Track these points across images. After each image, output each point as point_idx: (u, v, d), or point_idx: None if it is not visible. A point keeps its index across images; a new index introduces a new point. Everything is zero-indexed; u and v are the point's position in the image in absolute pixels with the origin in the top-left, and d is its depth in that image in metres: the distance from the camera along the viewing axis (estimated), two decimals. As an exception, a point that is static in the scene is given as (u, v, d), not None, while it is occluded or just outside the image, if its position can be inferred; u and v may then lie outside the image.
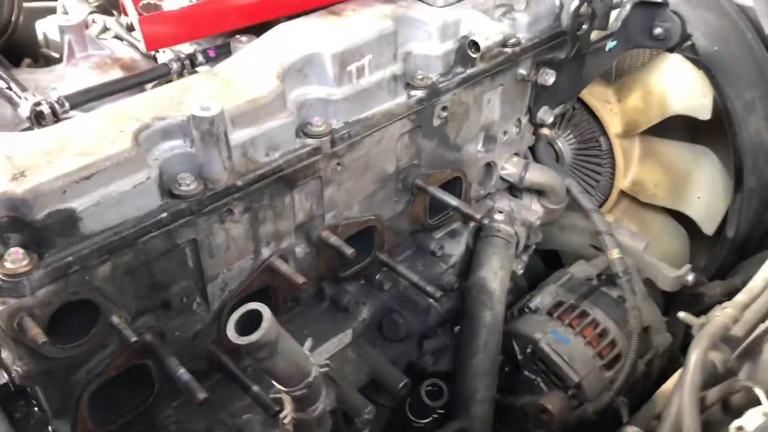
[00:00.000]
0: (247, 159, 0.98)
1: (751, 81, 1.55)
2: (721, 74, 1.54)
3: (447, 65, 1.20)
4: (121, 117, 0.92)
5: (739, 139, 1.57)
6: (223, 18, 1.10)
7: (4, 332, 0.85)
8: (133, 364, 0.99)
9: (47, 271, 0.83)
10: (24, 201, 0.80)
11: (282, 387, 0.86)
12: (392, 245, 1.31)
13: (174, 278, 0.99)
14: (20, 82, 1.08)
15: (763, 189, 1.61)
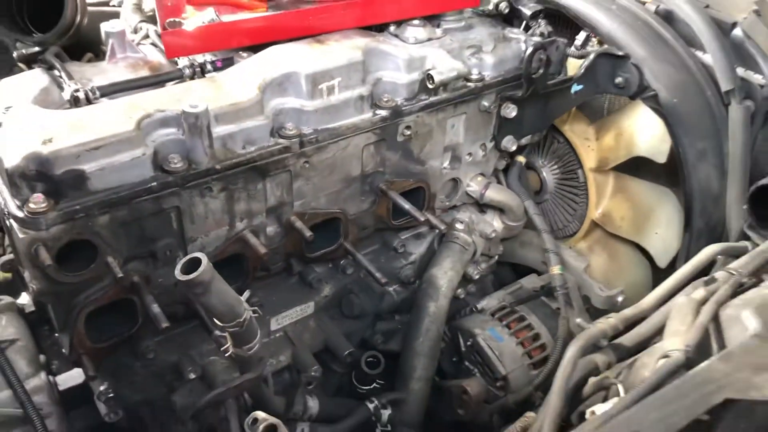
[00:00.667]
0: (226, 149, 1.26)
1: (705, 132, 1.72)
2: (678, 124, 1.71)
3: (412, 92, 1.44)
4: (132, 106, 1.21)
5: (689, 184, 1.74)
6: (229, 38, 1.38)
7: (24, 256, 1.14)
8: (122, 297, 1.27)
9: (59, 213, 1.11)
10: (48, 159, 1.09)
11: (219, 323, 1.12)
12: (356, 237, 1.56)
13: (160, 235, 1.26)
14: (70, 72, 1.38)
15: (710, 231, 1.77)
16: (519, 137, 1.69)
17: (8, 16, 1.51)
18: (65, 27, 1.51)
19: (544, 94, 1.63)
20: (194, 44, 1.37)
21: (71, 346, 1.27)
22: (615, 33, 1.77)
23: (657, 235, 1.90)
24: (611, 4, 1.84)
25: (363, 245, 1.61)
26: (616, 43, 1.76)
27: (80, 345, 1.27)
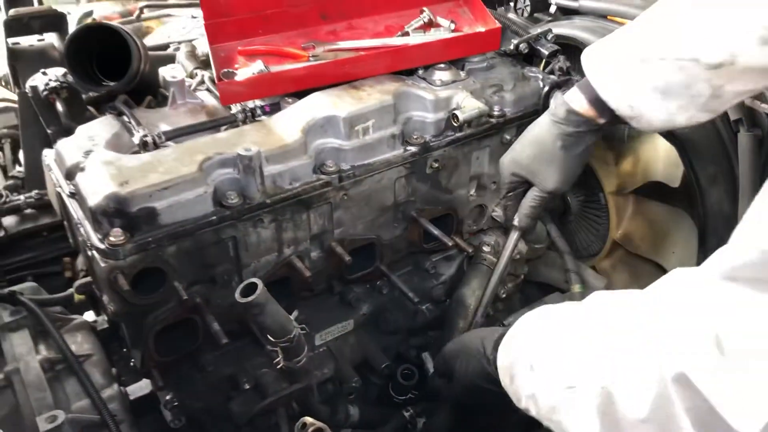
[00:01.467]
0: (276, 186, 1.43)
1: (716, 158, 1.83)
2: (690, 151, 1.83)
3: (438, 129, 1.60)
4: (194, 150, 1.39)
5: (702, 207, 1.86)
6: (276, 86, 1.55)
7: (104, 281, 1.33)
8: (186, 317, 1.45)
9: (134, 245, 1.29)
10: (125, 199, 1.27)
11: (272, 338, 1.28)
12: (390, 260, 1.71)
13: (219, 261, 1.44)
14: (138, 118, 1.58)
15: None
16: (540, 166, 1.83)
17: (82, 70, 1.71)
18: (132, 76, 1.71)
19: (561, 127, 1.77)
20: (246, 92, 1.55)
21: (142, 361, 1.45)
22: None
23: (674, 254, 2.01)
24: (625, 40, 1.97)
25: (397, 267, 1.76)
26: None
27: (150, 359, 1.45)
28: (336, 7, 1.74)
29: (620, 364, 0.95)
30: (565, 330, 1.11)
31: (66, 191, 1.41)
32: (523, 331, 1.24)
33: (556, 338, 1.12)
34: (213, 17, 1.66)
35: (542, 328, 1.19)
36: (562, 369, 1.07)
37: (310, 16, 1.73)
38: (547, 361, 1.11)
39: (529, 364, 1.15)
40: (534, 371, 1.13)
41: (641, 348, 0.93)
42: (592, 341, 1.03)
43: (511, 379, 1.21)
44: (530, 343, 1.19)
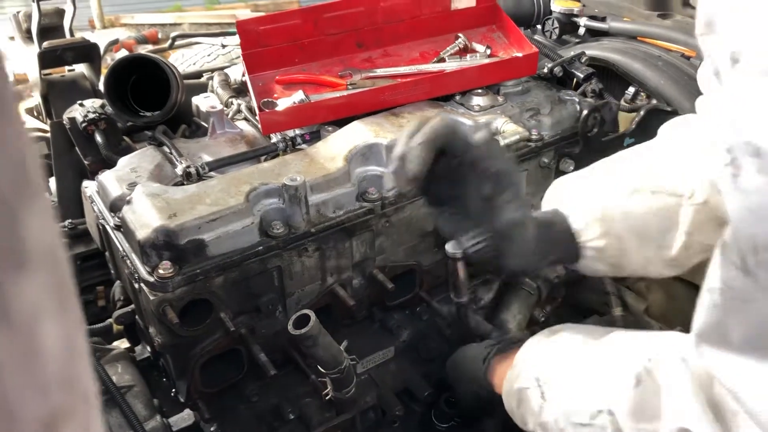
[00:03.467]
0: (320, 214, 1.43)
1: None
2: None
3: (478, 154, 1.60)
4: (239, 180, 1.39)
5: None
6: (316, 115, 1.56)
7: (152, 314, 1.33)
8: (231, 347, 1.44)
9: (183, 277, 1.29)
10: (174, 232, 1.28)
11: (322, 370, 1.28)
12: (431, 285, 1.71)
13: (264, 291, 1.44)
14: (178, 149, 1.59)
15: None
16: (577, 189, 1.83)
17: (120, 101, 1.73)
18: (171, 107, 1.72)
19: (599, 149, 1.76)
20: (286, 121, 1.55)
21: (188, 392, 1.45)
22: (662, 88, 1.91)
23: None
24: (657, 61, 1.98)
25: (436, 292, 1.75)
26: (663, 97, 1.89)
27: (196, 391, 1.44)
28: (371, 35, 1.75)
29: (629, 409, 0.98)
30: (578, 359, 1.13)
31: (111, 223, 1.42)
32: (531, 357, 1.23)
33: (567, 369, 1.13)
34: (251, 47, 1.67)
35: (552, 353, 1.19)
36: (574, 400, 1.07)
37: (345, 44, 1.74)
38: (559, 391, 1.11)
39: (539, 393, 1.14)
40: (545, 400, 1.13)
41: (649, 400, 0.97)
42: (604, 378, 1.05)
43: (518, 404, 1.20)
44: (539, 369, 1.18)
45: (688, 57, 1.98)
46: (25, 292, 0.27)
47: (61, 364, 0.29)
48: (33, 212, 0.27)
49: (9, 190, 0.26)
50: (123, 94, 1.75)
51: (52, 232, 0.29)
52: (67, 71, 2.39)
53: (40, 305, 0.28)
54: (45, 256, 0.28)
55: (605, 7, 2.35)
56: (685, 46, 2.01)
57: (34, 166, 0.28)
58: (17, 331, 0.27)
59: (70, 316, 0.30)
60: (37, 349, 0.28)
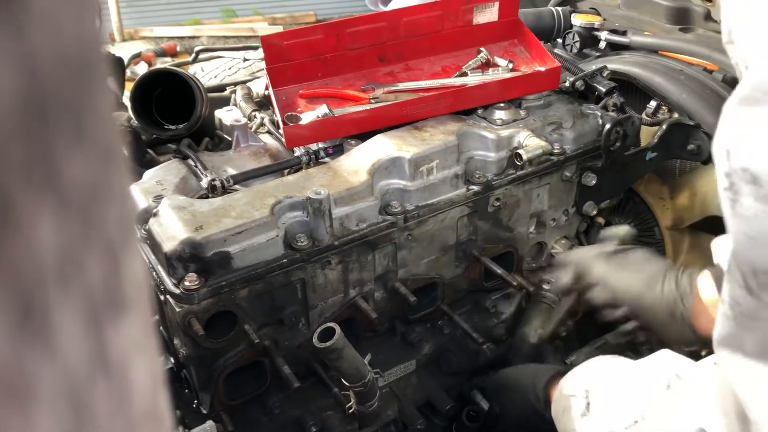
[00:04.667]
0: (343, 227, 1.44)
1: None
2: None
3: (500, 168, 1.61)
4: (264, 194, 1.41)
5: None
6: (339, 129, 1.57)
7: (178, 326, 1.34)
8: (255, 359, 1.45)
9: (209, 289, 1.30)
10: (200, 244, 1.29)
11: (346, 383, 1.28)
12: (452, 299, 1.71)
13: (288, 303, 1.44)
14: (203, 162, 1.60)
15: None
16: (599, 202, 1.83)
17: (145, 114, 1.75)
18: (195, 120, 1.74)
19: (621, 163, 1.76)
20: (310, 135, 1.57)
21: (211, 404, 1.45)
22: (684, 102, 1.91)
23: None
24: (679, 75, 1.98)
25: (457, 306, 1.76)
26: (686, 111, 1.89)
27: (219, 403, 1.45)
28: (393, 49, 1.76)
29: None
30: (627, 376, 1.15)
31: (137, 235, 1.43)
32: (587, 370, 1.27)
33: (615, 381, 1.16)
34: (274, 62, 1.69)
35: (605, 369, 1.22)
36: (613, 414, 1.09)
37: (367, 58, 1.75)
38: (603, 402, 1.14)
39: (585, 402, 1.16)
40: (589, 411, 1.15)
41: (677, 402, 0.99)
42: (640, 387, 1.08)
43: (563, 411, 1.22)
44: (589, 381, 1.21)
45: (710, 71, 1.98)
46: (121, 334, 0.27)
47: (148, 399, 0.30)
48: (131, 252, 0.28)
49: (115, 234, 0.27)
50: (148, 107, 1.77)
51: (143, 266, 0.30)
52: (92, 84, 2.42)
53: (133, 344, 0.28)
54: (138, 293, 0.29)
55: (626, 21, 2.35)
56: (708, 59, 2.01)
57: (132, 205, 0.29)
58: (114, 374, 0.27)
59: (153, 346, 0.31)
60: (129, 390, 0.28)
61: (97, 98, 0.25)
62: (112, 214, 0.26)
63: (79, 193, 0.24)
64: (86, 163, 0.25)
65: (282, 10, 8.01)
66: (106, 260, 0.26)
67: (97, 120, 0.25)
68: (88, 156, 0.25)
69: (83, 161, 0.24)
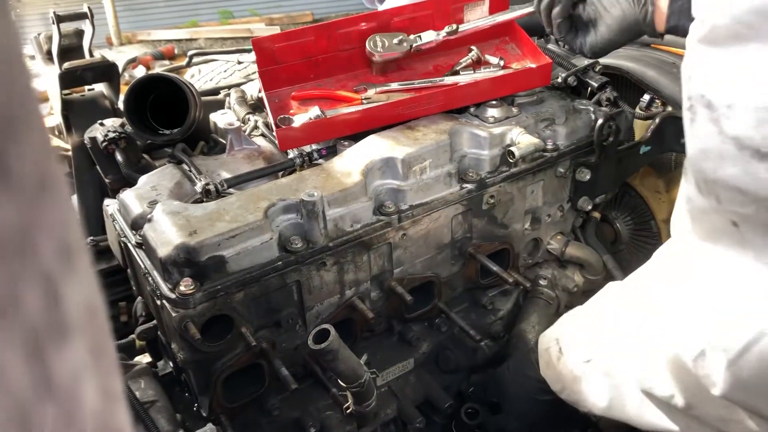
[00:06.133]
0: (337, 228, 1.44)
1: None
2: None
3: (494, 165, 1.61)
4: (257, 197, 1.41)
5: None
6: (332, 130, 1.58)
7: (174, 330, 1.34)
8: (252, 362, 1.46)
9: (204, 294, 1.31)
10: (194, 249, 1.30)
11: (343, 383, 1.29)
12: (449, 297, 1.72)
13: (284, 306, 1.45)
14: (197, 166, 1.61)
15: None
16: (593, 197, 1.83)
17: (139, 119, 1.75)
18: (189, 125, 1.75)
19: (615, 157, 1.77)
20: (303, 137, 1.57)
21: (210, 407, 1.46)
22: (678, 95, 1.90)
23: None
24: (672, 68, 1.98)
25: (454, 304, 1.76)
26: (679, 104, 1.88)
27: (218, 406, 1.46)
28: (385, 49, 1.76)
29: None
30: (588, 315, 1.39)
31: (132, 241, 1.44)
32: (554, 325, 1.49)
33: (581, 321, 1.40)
34: (266, 65, 1.70)
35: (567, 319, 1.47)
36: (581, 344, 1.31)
37: (359, 59, 1.76)
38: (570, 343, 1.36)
39: (557, 348, 1.37)
40: (562, 354, 1.36)
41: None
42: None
43: (547, 366, 1.41)
44: (558, 332, 1.44)
45: (702, 63, 1.98)
46: (67, 359, 0.28)
47: (100, 414, 0.30)
48: (73, 279, 0.28)
49: (54, 266, 0.27)
50: (142, 112, 1.77)
51: (90, 290, 0.30)
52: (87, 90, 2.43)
53: (81, 366, 0.29)
54: (84, 318, 0.29)
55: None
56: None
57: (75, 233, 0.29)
58: (60, 398, 0.27)
59: (106, 364, 0.31)
60: (79, 410, 0.29)
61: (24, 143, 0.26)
62: (48, 247, 0.27)
63: (7, 234, 0.25)
64: (13, 205, 0.25)
65: (279, 10, 8.01)
66: (44, 292, 0.26)
67: (24, 163, 0.26)
68: (13, 199, 0.25)
69: (9, 204, 0.25)
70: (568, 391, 1.35)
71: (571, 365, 1.30)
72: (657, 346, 1.08)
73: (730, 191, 0.88)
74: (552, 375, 1.41)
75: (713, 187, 0.90)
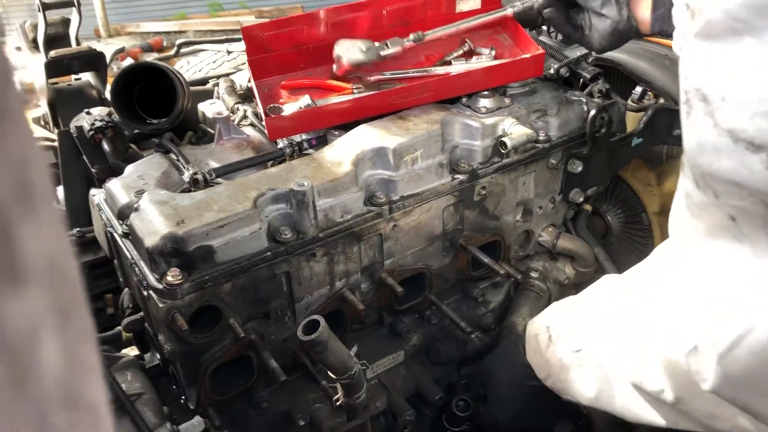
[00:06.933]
0: (328, 219, 1.42)
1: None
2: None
3: (486, 156, 1.60)
4: (246, 186, 1.39)
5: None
6: (322, 119, 1.56)
7: (162, 321, 1.32)
8: (241, 354, 1.44)
9: (192, 284, 1.29)
10: (182, 239, 1.28)
11: (333, 375, 1.27)
12: (440, 289, 1.70)
13: (273, 297, 1.43)
14: (185, 155, 1.58)
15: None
16: (585, 189, 1.82)
17: (126, 108, 1.72)
18: (177, 114, 1.72)
19: (607, 149, 1.76)
20: (293, 126, 1.55)
21: (198, 400, 1.44)
22: (670, 87, 1.90)
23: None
24: (664, 60, 1.97)
25: (445, 296, 1.75)
26: (671, 96, 1.88)
27: (206, 398, 1.44)
28: (375, 39, 1.74)
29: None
30: (582, 304, 1.36)
31: (119, 231, 1.42)
32: (544, 312, 1.47)
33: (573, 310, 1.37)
34: (256, 53, 1.67)
35: (565, 303, 1.43)
36: (572, 333, 1.28)
37: (350, 48, 1.73)
38: (560, 331, 1.33)
39: (547, 336, 1.35)
40: (552, 342, 1.34)
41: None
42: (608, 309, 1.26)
43: (534, 352, 1.40)
44: (548, 319, 1.42)
45: (695, 55, 1.97)
46: (20, 310, 0.26)
47: (62, 381, 0.28)
48: (32, 223, 0.26)
49: (6, 199, 0.25)
50: (130, 102, 1.75)
51: (56, 243, 0.28)
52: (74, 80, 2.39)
53: (39, 322, 0.27)
54: (46, 269, 0.27)
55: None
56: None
57: (38, 174, 0.27)
58: (11, 352, 0.25)
59: (75, 330, 0.29)
60: (33, 369, 0.27)
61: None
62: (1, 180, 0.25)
63: None
64: None
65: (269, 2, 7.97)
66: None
67: None
68: None
69: None
70: (554, 379, 1.34)
71: (561, 354, 1.29)
72: (649, 340, 1.07)
73: (727, 185, 0.88)
74: (539, 361, 1.40)
75: (710, 181, 0.90)
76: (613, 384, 1.16)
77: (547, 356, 1.34)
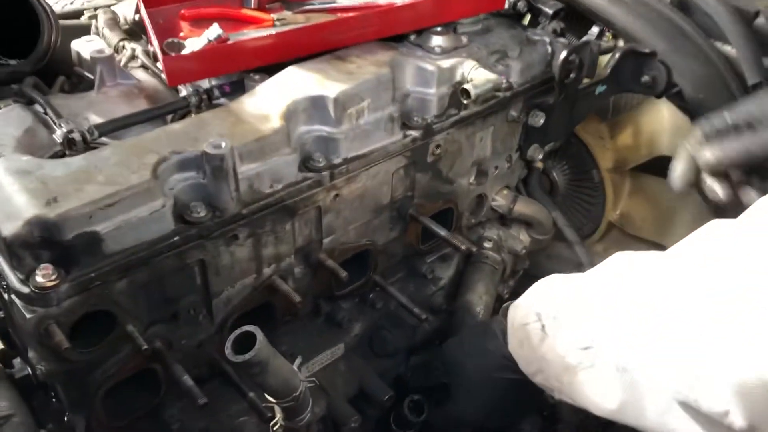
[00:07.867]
0: (253, 190, 1.10)
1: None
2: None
3: (441, 108, 1.31)
4: (142, 149, 1.04)
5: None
6: (238, 59, 1.21)
7: (31, 336, 0.97)
8: (144, 368, 1.11)
9: (72, 285, 0.95)
10: (55, 224, 0.92)
11: (272, 399, 0.98)
12: (385, 267, 1.42)
13: (183, 293, 1.11)
14: (55, 107, 1.20)
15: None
16: (544, 145, 1.58)
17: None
18: (43, 52, 1.33)
19: (572, 98, 1.52)
20: (199, 68, 1.20)
21: (88, 428, 1.11)
22: (631, 27, 1.67)
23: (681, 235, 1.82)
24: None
25: (389, 274, 1.48)
26: (633, 38, 1.65)
27: (99, 425, 1.11)
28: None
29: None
30: (588, 288, 1.08)
31: (-36, 213, 1.03)
32: (531, 294, 1.19)
33: (577, 296, 1.08)
34: (146, -26, 1.29)
35: (560, 285, 1.14)
36: (578, 325, 1.03)
37: (268, -31, 1.39)
38: (558, 320, 1.08)
39: (540, 326, 1.10)
40: (547, 334, 1.09)
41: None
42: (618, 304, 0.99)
43: (521, 344, 1.15)
44: (538, 304, 1.14)
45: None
46: None
47: None
48: None
49: None
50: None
51: None
52: None
53: None
54: None
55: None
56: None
57: None
58: None
59: None
60: None
61: None
62: None
63: None
64: None
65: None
66: None
67: None
68: None
69: None
70: (549, 378, 1.09)
71: (562, 350, 1.03)
72: (713, 348, 0.83)
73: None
74: (528, 356, 1.14)
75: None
76: (645, 396, 0.91)
77: (541, 351, 1.08)
